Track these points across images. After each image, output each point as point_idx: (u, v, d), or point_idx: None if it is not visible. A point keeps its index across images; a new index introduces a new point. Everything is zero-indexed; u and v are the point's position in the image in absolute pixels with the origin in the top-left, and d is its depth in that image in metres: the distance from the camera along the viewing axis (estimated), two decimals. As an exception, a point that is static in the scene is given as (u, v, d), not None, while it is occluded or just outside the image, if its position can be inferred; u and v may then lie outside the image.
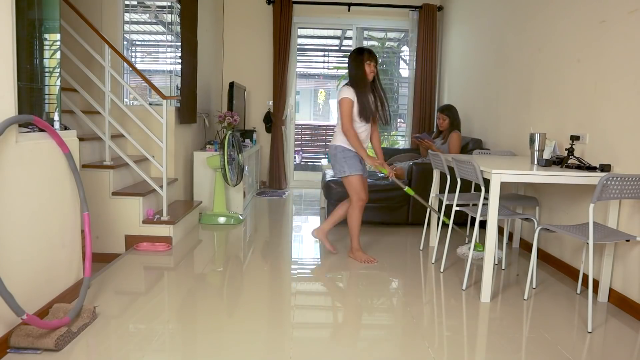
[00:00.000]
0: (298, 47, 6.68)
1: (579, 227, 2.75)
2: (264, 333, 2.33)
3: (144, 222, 3.65)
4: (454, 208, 3.23)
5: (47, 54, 2.73)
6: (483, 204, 2.91)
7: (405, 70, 7.05)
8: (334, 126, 3.62)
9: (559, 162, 2.98)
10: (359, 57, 3.34)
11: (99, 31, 3.62)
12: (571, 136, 3.06)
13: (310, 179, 7.11)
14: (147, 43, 5.72)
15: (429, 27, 6.49)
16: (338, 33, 7.21)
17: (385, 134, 7.34)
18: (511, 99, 4.29)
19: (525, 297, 2.87)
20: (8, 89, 2.05)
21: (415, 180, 4.44)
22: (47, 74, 2.72)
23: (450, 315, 2.61)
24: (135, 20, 5.06)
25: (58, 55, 2.79)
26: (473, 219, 3.97)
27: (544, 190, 3.66)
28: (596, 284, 2.92)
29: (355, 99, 3.31)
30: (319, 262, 3.50)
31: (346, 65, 3.46)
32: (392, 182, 3.68)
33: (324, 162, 6.42)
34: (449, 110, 4.59)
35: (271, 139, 6.65)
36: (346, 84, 3.39)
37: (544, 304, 2.81)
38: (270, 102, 6.63)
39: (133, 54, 5.41)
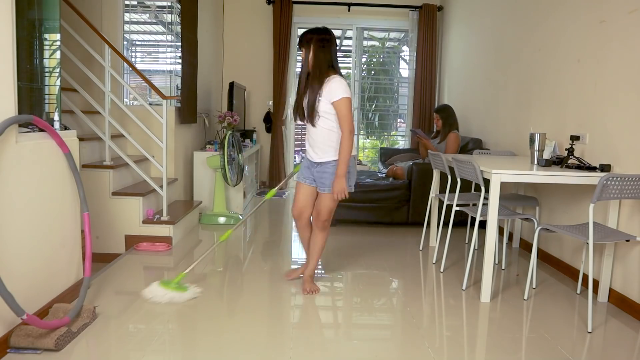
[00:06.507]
0: (298, 47, 6.68)
1: (578, 227, 2.75)
2: (264, 333, 2.33)
3: (144, 222, 3.65)
4: (454, 208, 3.23)
5: (47, 54, 2.73)
6: (483, 204, 2.91)
7: (405, 70, 7.05)
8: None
9: (559, 162, 2.98)
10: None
11: (99, 31, 3.62)
12: (571, 136, 3.06)
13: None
14: (147, 43, 5.72)
15: (429, 27, 6.49)
16: (338, 33, 7.21)
17: (385, 134, 7.34)
18: (511, 99, 4.29)
19: (525, 297, 2.87)
20: (8, 89, 2.05)
21: (415, 180, 4.44)
22: (47, 74, 2.72)
23: (450, 315, 2.61)
24: (135, 20, 5.06)
25: (58, 55, 2.79)
26: (473, 219, 3.97)
27: (544, 190, 3.66)
28: (596, 284, 2.92)
29: None
30: (319, 263, 3.49)
31: (346, 64, 3.37)
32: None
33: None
34: (442, 111, 4.67)
35: (271, 139, 6.65)
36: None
37: (544, 304, 2.81)
38: (270, 102, 6.62)
39: (133, 54, 5.41)
